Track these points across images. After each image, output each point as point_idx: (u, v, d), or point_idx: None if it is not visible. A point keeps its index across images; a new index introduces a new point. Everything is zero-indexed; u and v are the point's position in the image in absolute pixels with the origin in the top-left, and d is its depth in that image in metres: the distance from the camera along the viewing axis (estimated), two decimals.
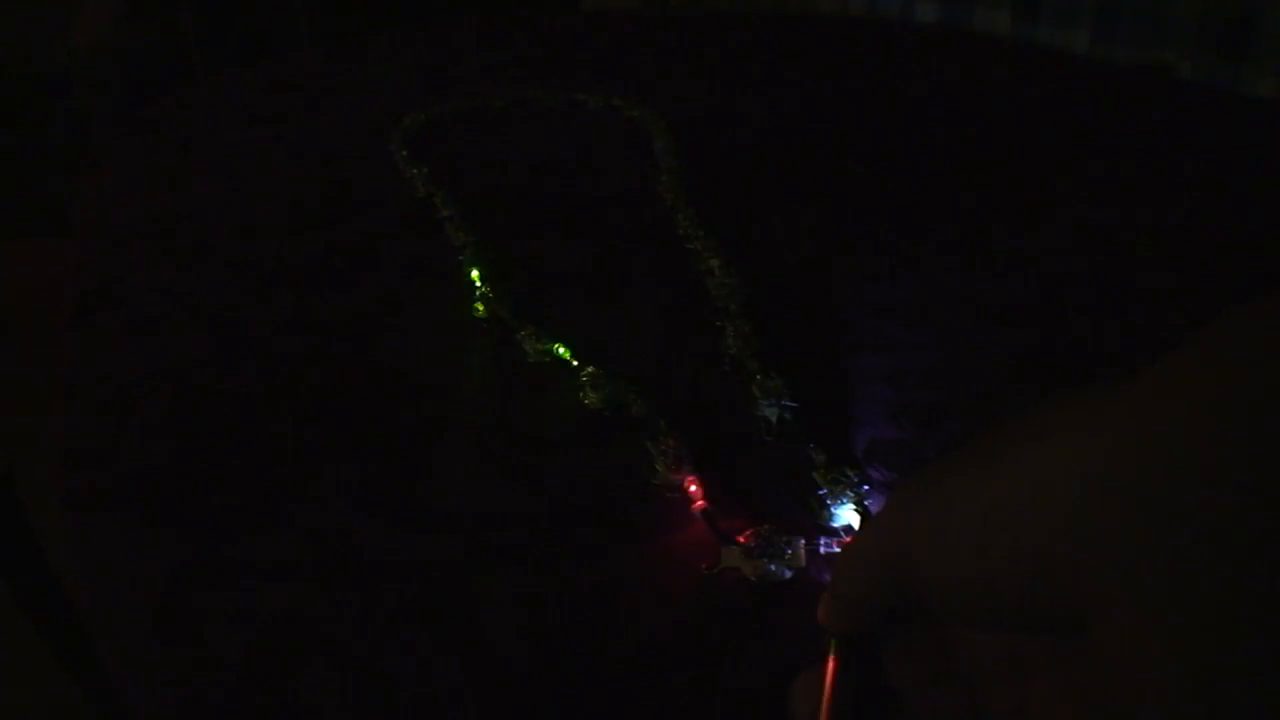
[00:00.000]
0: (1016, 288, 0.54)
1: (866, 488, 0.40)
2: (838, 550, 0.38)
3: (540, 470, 0.42)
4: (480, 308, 0.50)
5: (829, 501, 0.39)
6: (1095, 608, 0.19)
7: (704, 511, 0.39)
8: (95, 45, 1.78)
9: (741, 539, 0.37)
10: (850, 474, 0.40)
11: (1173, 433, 0.18)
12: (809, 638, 0.28)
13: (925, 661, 0.26)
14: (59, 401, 0.48)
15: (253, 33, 1.83)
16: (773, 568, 0.36)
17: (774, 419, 0.44)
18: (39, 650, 0.83)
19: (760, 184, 0.66)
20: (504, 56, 0.89)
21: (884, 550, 0.24)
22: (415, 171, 0.66)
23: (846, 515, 0.39)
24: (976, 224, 0.61)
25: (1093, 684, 0.20)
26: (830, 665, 0.26)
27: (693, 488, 0.40)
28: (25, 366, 1.42)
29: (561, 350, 0.46)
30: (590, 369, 0.46)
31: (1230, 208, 0.63)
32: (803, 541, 0.37)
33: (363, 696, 0.33)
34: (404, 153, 0.69)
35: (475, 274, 0.50)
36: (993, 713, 0.24)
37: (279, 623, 0.35)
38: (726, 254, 0.55)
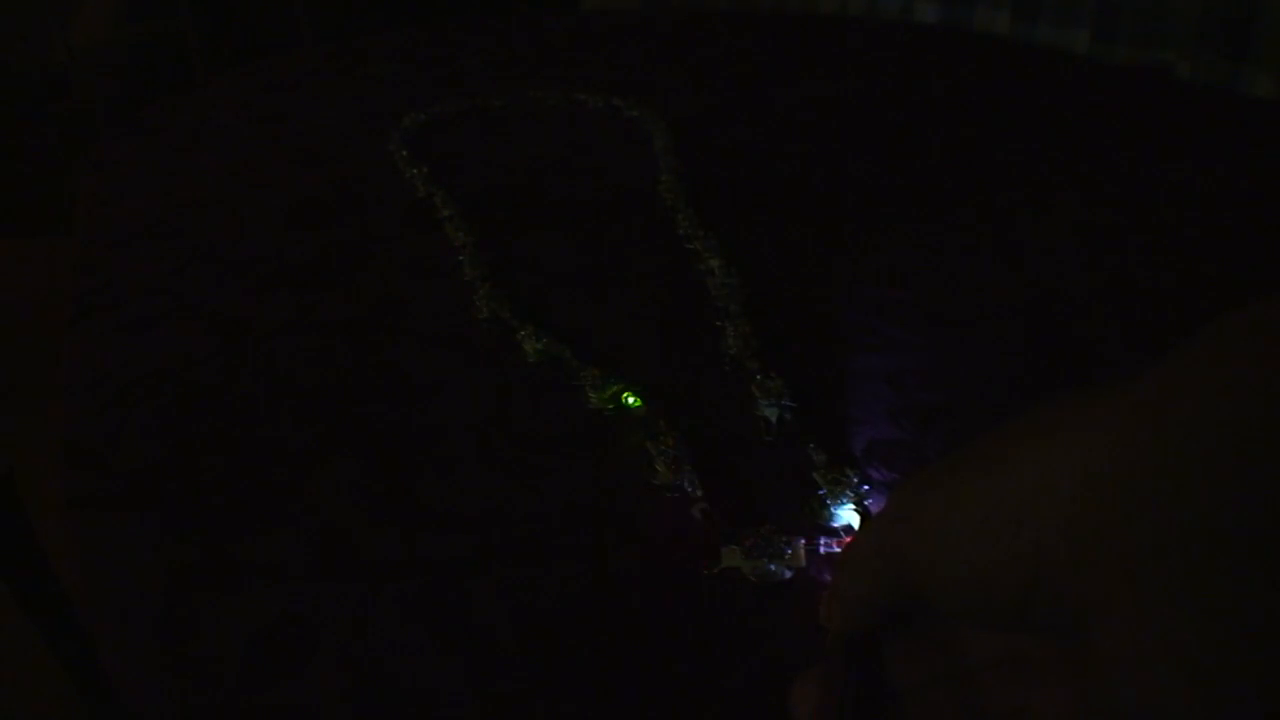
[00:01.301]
0: (1016, 288, 0.54)
1: (866, 488, 0.40)
2: (838, 550, 0.38)
3: (540, 470, 0.42)
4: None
5: (829, 501, 0.39)
6: (1095, 607, 0.19)
7: (704, 511, 0.39)
8: (95, 45, 1.78)
9: (741, 539, 0.37)
10: (850, 474, 0.40)
11: (1173, 433, 0.18)
12: (809, 638, 0.28)
13: (925, 661, 0.26)
14: (59, 401, 0.48)
15: (253, 33, 1.83)
16: (773, 568, 0.36)
17: (774, 419, 0.44)
18: (39, 650, 0.83)
19: (760, 184, 0.66)
20: (504, 56, 0.89)
21: (885, 550, 0.24)
22: (415, 171, 0.66)
23: (846, 515, 0.39)
24: (976, 224, 0.61)
25: (1092, 684, 0.20)
26: (830, 665, 0.26)
27: (693, 488, 0.40)
28: (25, 366, 1.42)
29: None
30: (590, 369, 0.46)
31: (1230, 208, 0.63)
32: (803, 541, 0.37)
33: (363, 696, 0.33)
34: (404, 153, 0.69)
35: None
36: (993, 713, 0.24)
37: (279, 623, 0.35)
38: (726, 254, 0.55)
